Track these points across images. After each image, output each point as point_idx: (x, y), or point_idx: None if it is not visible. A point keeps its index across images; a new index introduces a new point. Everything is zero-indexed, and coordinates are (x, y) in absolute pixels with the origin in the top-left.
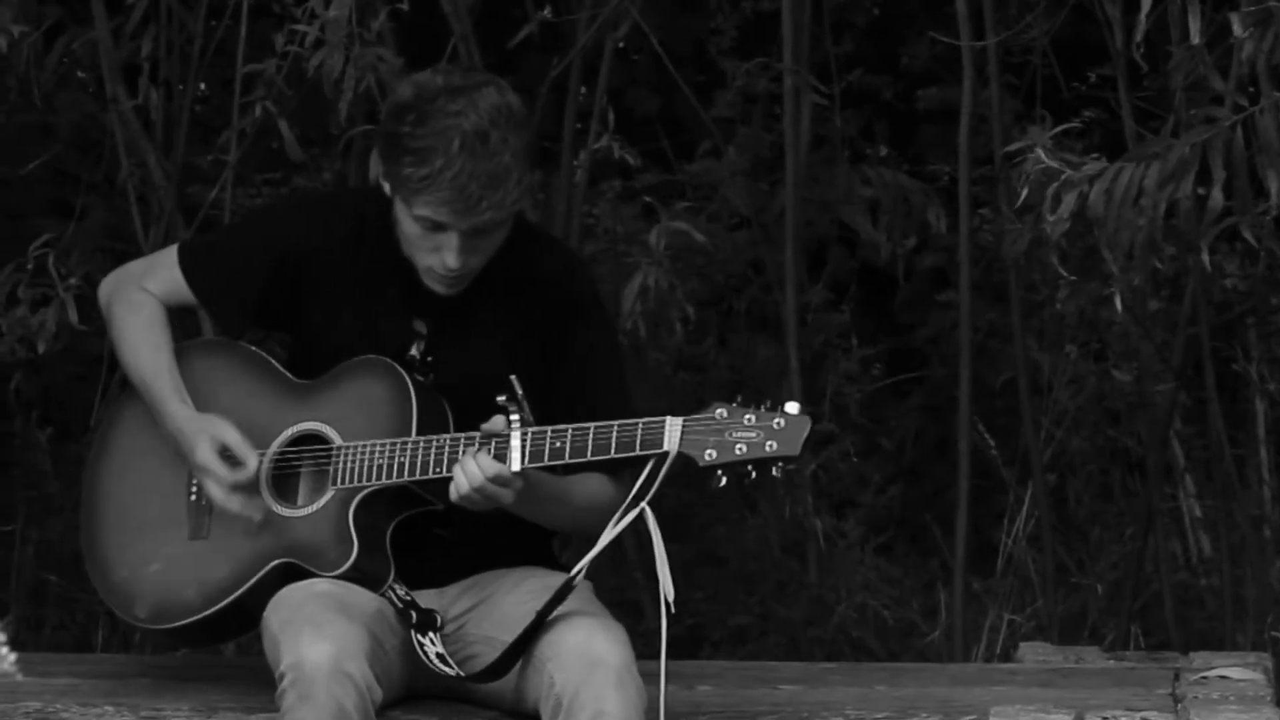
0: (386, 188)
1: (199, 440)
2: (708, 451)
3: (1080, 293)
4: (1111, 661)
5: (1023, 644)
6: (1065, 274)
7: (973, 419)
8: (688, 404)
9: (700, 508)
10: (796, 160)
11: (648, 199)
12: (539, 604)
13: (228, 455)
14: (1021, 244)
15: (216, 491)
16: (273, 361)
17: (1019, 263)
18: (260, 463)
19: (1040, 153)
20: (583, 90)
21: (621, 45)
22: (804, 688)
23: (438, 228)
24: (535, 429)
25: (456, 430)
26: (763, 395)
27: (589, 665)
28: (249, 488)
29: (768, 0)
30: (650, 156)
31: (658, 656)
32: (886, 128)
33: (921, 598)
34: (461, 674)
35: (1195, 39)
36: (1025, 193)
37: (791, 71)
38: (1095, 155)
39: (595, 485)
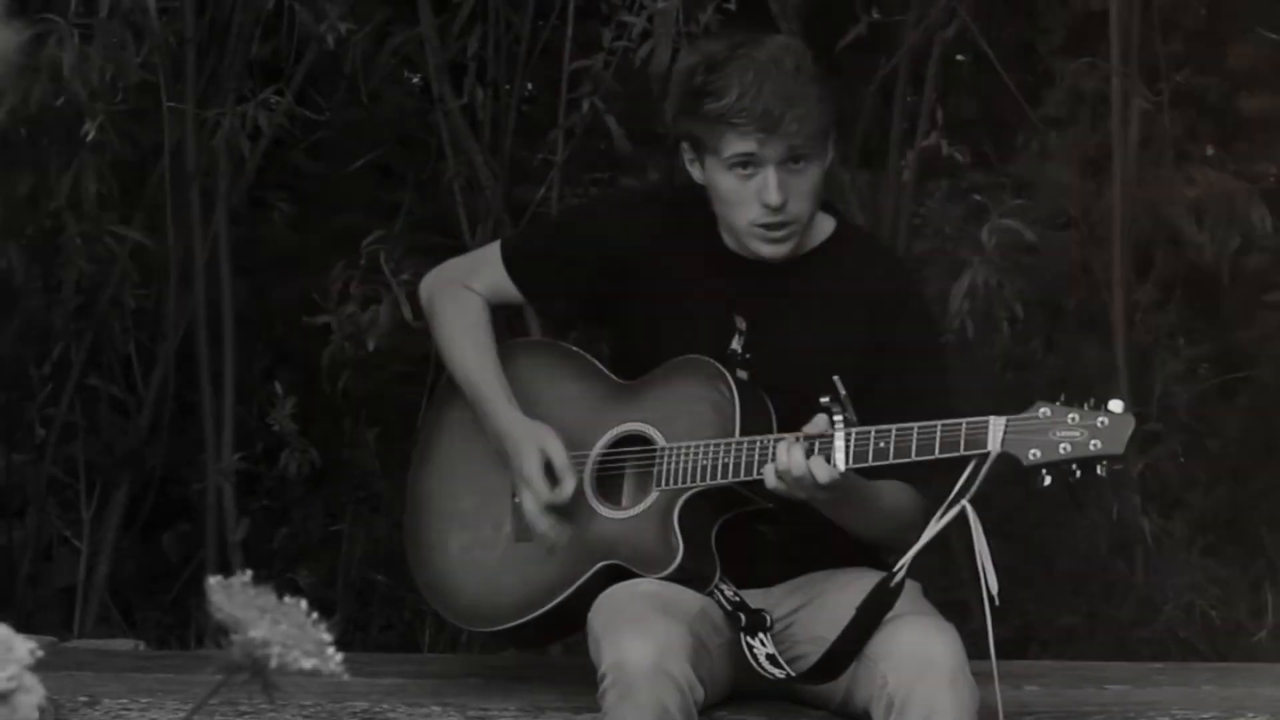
0: (689, 155)
1: (527, 450)
2: (1031, 451)
3: None
4: None
5: None
6: None
7: None
8: (1015, 404)
9: (1028, 508)
10: (1124, 160)
11: (978, 196)
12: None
13: (549, 471)
14: None
15: (531, 507)
16: (595, 362)
17: None
18: (578, 484)
19: None
20: (909, 92)
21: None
22: (1131, 688)
23: (750, 164)
24: (859, 429)
25: (777, 427)
26: (1090, 395)
27: (923, 665)
28: (559, 509)
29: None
30: (973, 158)
31: (986, 656)
32: (1211, 127)
33: (1248, 598)
34: (793, 674)
35: None
36: None
37: (1120, 72)
38: None
39: (901, 494)
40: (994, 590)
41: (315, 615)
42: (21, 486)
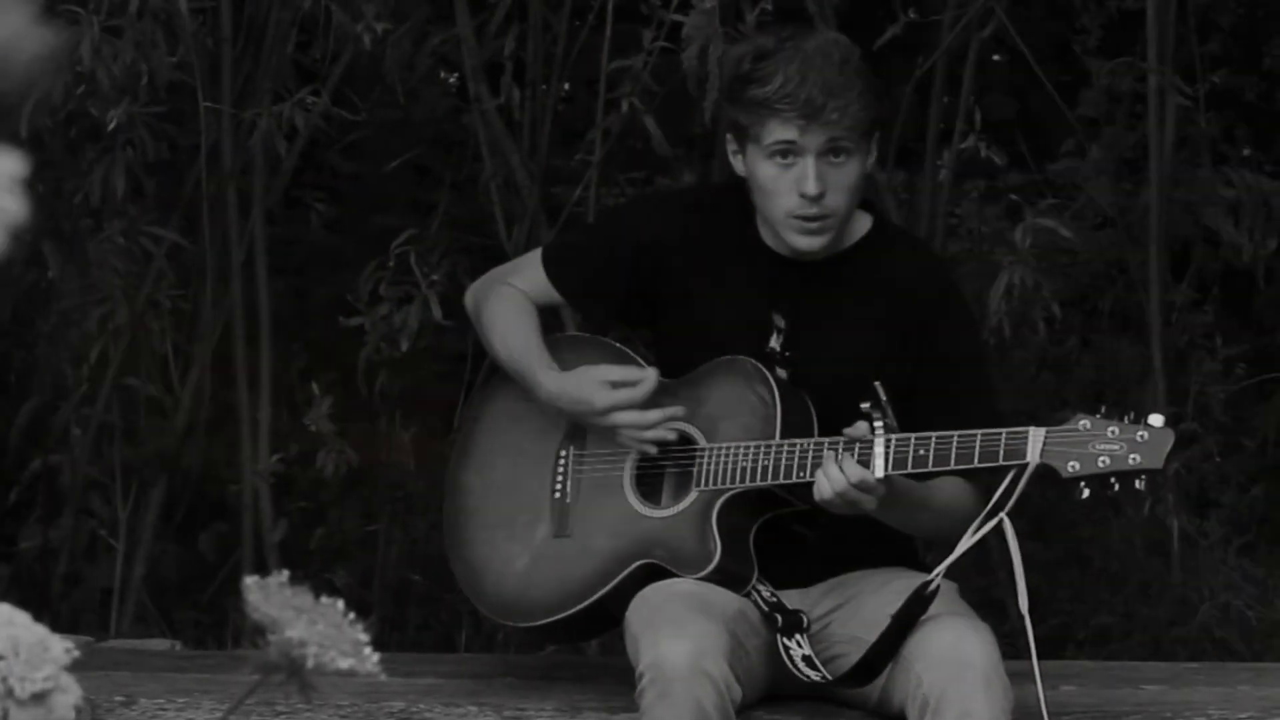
0: (732, 147)
1: (588, 391)
2: (1070, 463)
3: None
4: None
5: None
6: None
7: None
8: (1051, 405)
9: (1065, 508)
10: (1161, 160)
11: (1014, 197)
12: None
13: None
14: None
15: (631, 416)
16: (638, 359)
17: None
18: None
19: None
20: (945, 92)
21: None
22: (1167, 688)
23: (790, 154)
24: (899, 435)
25: (818, 426)
26: (1126, 395)
27: (958, 666)
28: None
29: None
30: (1009, 158)
31: (1020, 656)
32: (1247, 128)
33: None
34: (829, 678)
35: None
36: None
37: (1156, 71)
38: None
39: (955, 491)
40: (1024, 609)
41: (352, 615)
42: (59, 487)
